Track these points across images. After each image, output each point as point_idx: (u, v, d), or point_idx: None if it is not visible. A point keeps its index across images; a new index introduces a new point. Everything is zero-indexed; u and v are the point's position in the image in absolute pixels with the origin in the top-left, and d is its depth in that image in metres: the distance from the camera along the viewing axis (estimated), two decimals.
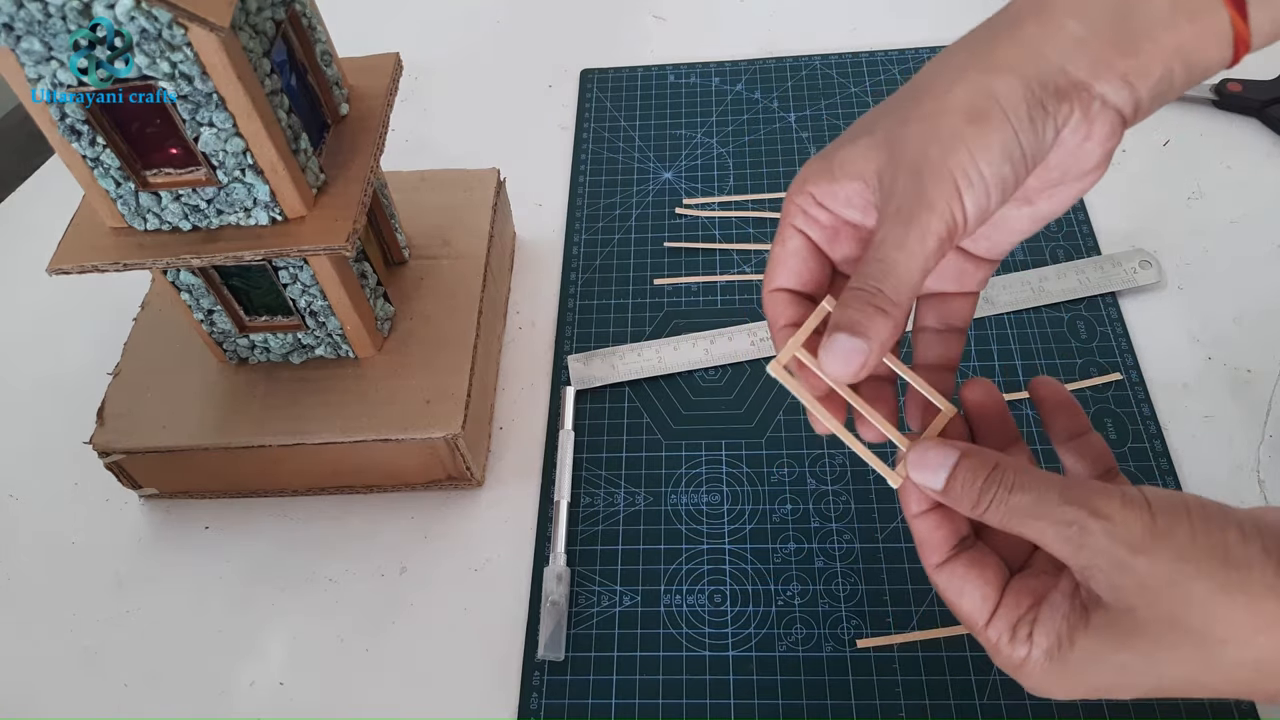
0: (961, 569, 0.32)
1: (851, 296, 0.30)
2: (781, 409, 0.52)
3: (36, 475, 0.54)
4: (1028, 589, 0.31)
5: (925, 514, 0.33)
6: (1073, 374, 0.52)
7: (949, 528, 0.32)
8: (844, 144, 0.32)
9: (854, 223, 0.33)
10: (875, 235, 0.31)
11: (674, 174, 0.64)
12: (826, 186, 0.32)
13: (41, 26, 0.35)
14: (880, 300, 0.30)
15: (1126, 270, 0.55)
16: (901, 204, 0.30)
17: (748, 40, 0.72)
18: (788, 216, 0.34)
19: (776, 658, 0.45)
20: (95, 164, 0.40)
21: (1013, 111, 0.29)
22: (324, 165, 0.44)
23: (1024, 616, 0.31)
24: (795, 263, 0.34)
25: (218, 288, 0.47)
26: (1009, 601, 0.31)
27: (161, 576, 0.50)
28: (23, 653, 0.48)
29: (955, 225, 0.29)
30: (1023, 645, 0.30)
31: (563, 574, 0.47)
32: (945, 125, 0.29)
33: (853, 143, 0.32)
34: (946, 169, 0.29)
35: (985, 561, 0.32)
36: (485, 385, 0.52)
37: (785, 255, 0.34)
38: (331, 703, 0.45)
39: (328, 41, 0.45)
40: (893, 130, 0.31)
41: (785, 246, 0.34)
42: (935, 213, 0.29)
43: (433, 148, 0.67)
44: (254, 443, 0.48)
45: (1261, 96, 0.62)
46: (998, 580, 0.32)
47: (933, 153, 0.29)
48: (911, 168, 0.30)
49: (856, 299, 0.30)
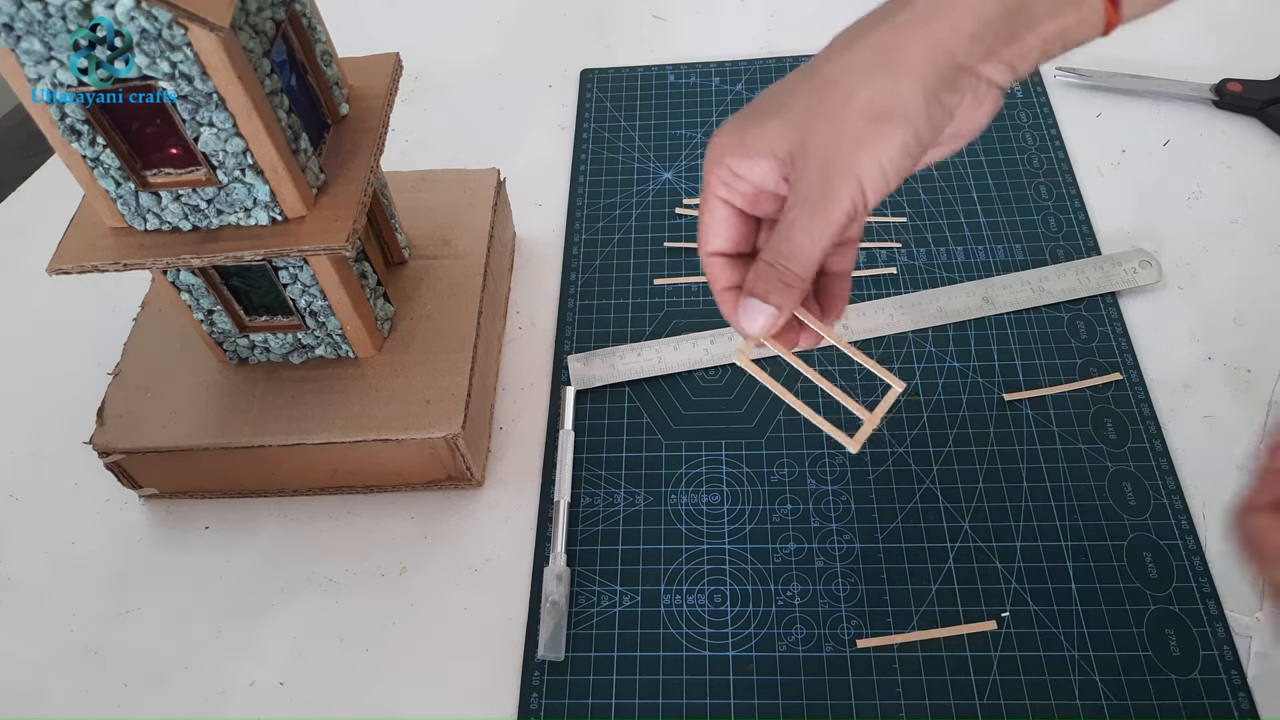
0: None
1: (764, 269, 0.36)
2: (781, 409, 0.52)
3: (36, 475, 0.54)
4: None
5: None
6: (1073, 374, 0.52)
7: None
8: (754, 121, 0.36)
9: (769, 190, 0.37)
10: (785, 214, 0.35)
11: (674, 174, 0.64)
12: (743, 161, 0.36)
13: (41, 26, 0.35)
14: (788, 277, 0.35)
15: (1127, 270, 0.55)
16: (810, 193, 0.34)
17: (748, 40, 0.72)
18: (710, 188, 0.37)
19: (776, 658, 0.45)
20: (95, 164, 0.40)
21: (914, 112, 0.33)
22: (324, 165, 0.44)
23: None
24: (724, 228, 0.38)
25: (218, 288, 0.47)
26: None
27: (161, 576, 0.50)
28: (23, 653, 0.48)
29: (856, 211, 0.34)
30: None
31: (563, 574, 0.47)
32: (852, 125, 0.33)
33: (763, 123, 0.35)
34: (852, 169, 0.33)
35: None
36: (485, 385, 0.52)
37: (714, 222, 0.38)
38: (331, 703, 0.45)
39: (328, 41, 0.45)
40: (802, 119, 0.34)
41: (714, 214, 0.38)
42: (839, 204, 0.33)
43: (433, 148, 0.67)
44: (254, 443, 0.48)
45: (1261, 96, 0.62)
46: None
47: (841, 149, 0.33)
48: (820, 160, 0.33)
49: (768, 273, 0.36)
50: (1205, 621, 0.44)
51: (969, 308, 0.55)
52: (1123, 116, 0.63)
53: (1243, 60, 0.64)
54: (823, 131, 0.33)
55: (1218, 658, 0.43)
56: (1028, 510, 0.48)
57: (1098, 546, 0.46)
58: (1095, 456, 0.49)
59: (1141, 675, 0.43)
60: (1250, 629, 0.44)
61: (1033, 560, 0.46)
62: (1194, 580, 0.45)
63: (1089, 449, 0.49)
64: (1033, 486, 0.48)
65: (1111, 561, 0.46)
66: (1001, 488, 0.48)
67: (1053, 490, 0.48)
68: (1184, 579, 0.45)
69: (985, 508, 0.48)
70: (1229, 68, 0.63)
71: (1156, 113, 0.63)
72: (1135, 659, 0.43)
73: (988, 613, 0.45)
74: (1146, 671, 0.43)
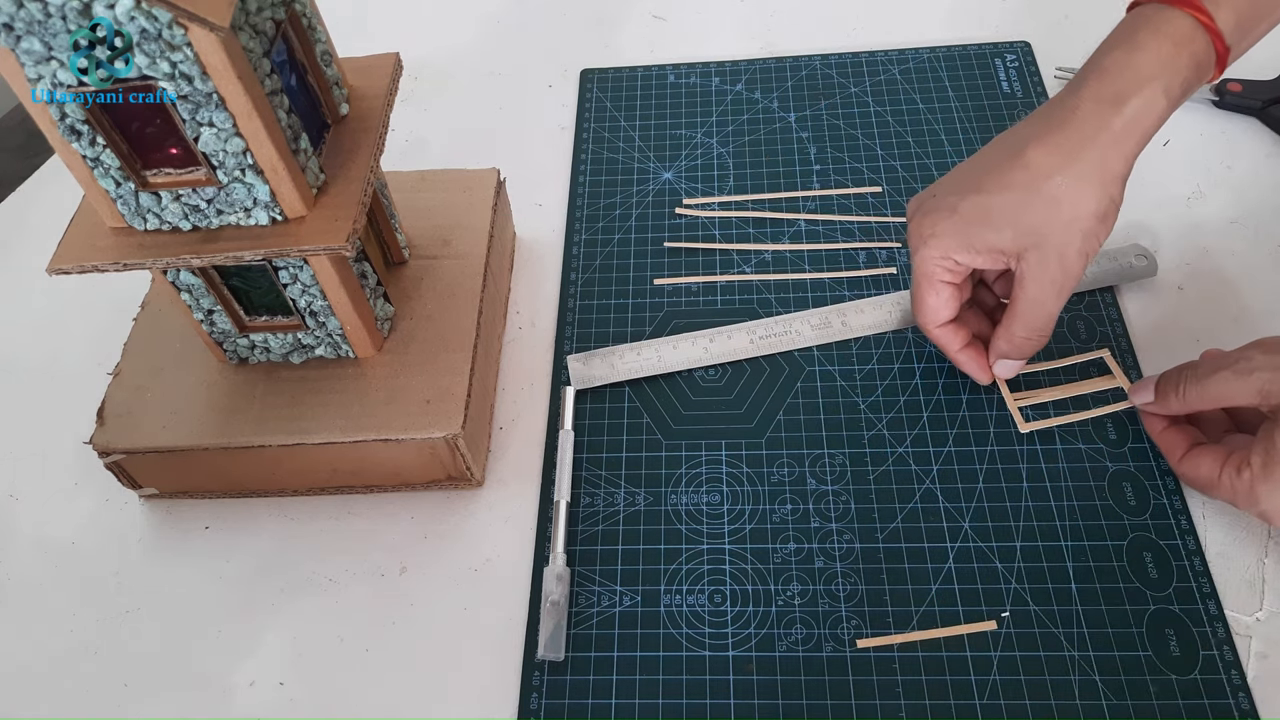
0: (1193, 455, 0.45)
1: (1020, 340, 0.48)
2: (782, 409, 0.52)
3: (36, 475, 0.54)
4: (1237, 444, 0.44)
5: (1165, 429, 0.47)
6: (1073, 374, 0.52)
7: (1182, 435, 0.46)
8: (983, 229, 0.45)
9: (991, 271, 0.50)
10: (1034, 299, 0.46)
11: (674, 174, 0.64)
12: (969, 255, 0.46)
13: (41, 26, 0.35)
14: (1040, 341, 0.48)
15: (1123, 264, 0.55)
16: (1054, 280, 0.45)
17: (748, 40, 0.72)
18: (931, 275, 0.47)
19: (776, 658, 0.45)
20: (95, 164, 0.40)
21: (1119, 204, 0.45)
22: (324, 165, 0.44)
23: (1240, 457, 0.43)
24: (949, 304, 0.48)
25: (218, 288, 0.47)
26: (1230, 459, 0.43)
27: (161, 576, 0.50)
28: (23, 653, 0.48)
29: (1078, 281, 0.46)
30: (1245, 472, 0.42)
31: (563, 574, 0.47)
32: (1084, 226, 0.44)
33: (996, 232, 0.45)
34: (1084, 254, 0.45)
35: (1209, 447, 0.45)
36: (485, 385, 0.52)
37: (940, 303, 0.48)
38: (331, 703, 0.45)
39: (328, 41, 0.45)
40: (1035, 227, 0.44)
41: (940, 296, 0.48)
42: (1072, 280, 0.45)
43: (433, 148, 0.67)
44: (254, 443, 0.48)
45: (1261, 96, 0.62)
46: (1221, 451, 0.44)
47: (1075, 245, 0.44)
48: (1059, 256, 0.44)
49: (1024, 343, 0.48)
50: (1205, 621, 0.44)
51: None
52: None
53: (1243, 60, 0.64)
54: (1059, 235, 0.44)
55: (1218, 658, 0.43)
56: (1028, 510, 0.48)
57: (1098, 546, 0.46)
58: (1095, 456, 0.49)
59: (1141, 675, 0.43)
60: (1250, 629, 0.44)
61: (1033, 560, 0.46)
62: (1194, 580, 0.45)
63: (1089, 449, 0.49)
64: (1033, 486, 0.48)
65: (1111, 561, 0.46)
66: (1001, 488, 0.48)
67: (1053, 490, 0.48)
68: (1184, 579, 0.45)
69: (985, 508, 0.48)
70: (1229, 68, 0.63)
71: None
72: (1135, 659, 0.43)
73: (988, 613, 0.45)
74: (1146, 671, 0.43)
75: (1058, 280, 0.45)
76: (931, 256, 0.47)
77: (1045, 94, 0.65)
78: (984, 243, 0.45)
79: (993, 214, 0.45)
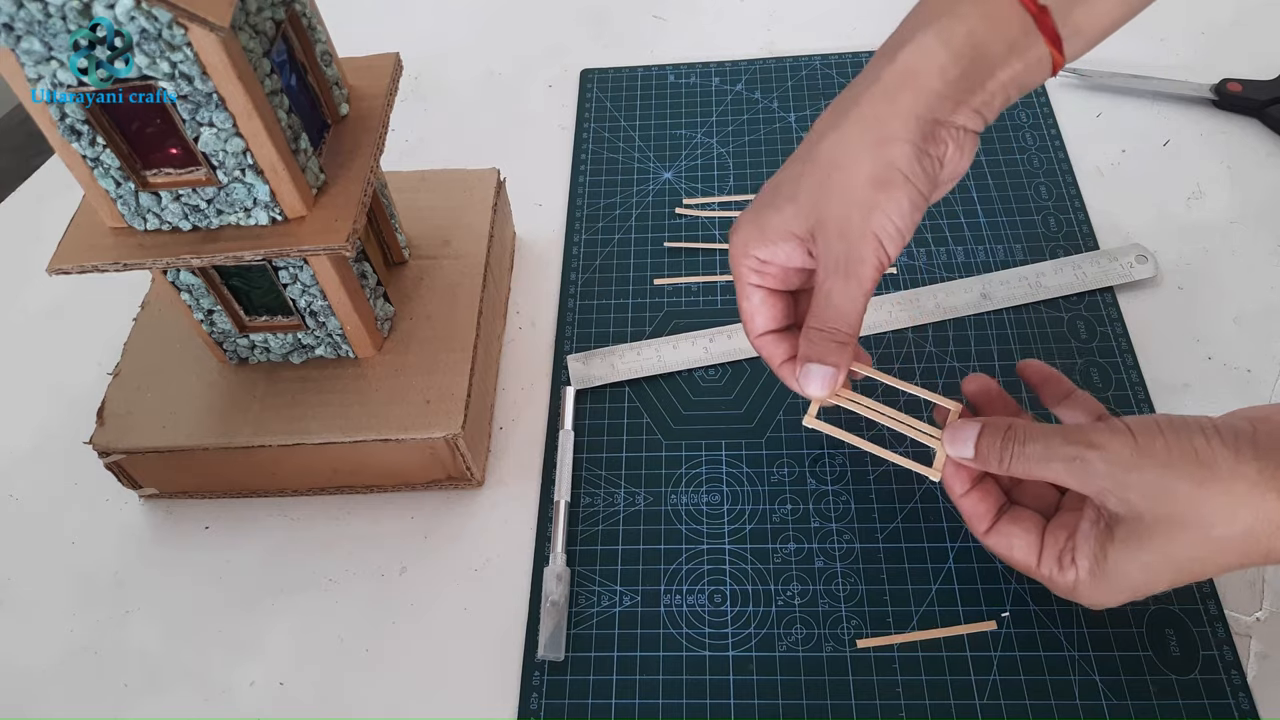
0: (1005, 527, 0.40)
1: (814, 335, 0.40)
2: (781, 409, 0.52)
3: (36, 475, 0.54)
4: (1062, 525, 0.39)
5: (968, 493, 0.41)
6: (1073, 375, 0.52)
7: (989, 500, 0.41)
8: (770, 211, 0.40)
9: (795, 266, 0.41)
10: (820, 284, 0.39)
11: (674, 174, 0.64)
12: (767, 247, 0.40)
13: (41, 26, 0.35)
14: (839, 336, 0.40)
15: (1123, 265, 0.55)
16: (838, 261, 0.38)
17: (748, 40, 0.72)
18: (743, 278, 0.42)
19: (776, 658, 0.45)
20: (95, 164, 0.40)
21: (910, 172, 0.37)
22: (324, 165, 0.44)
23: (1065, 548, 0.38)
24: (765, 310, 0.42)
25: (218, 288, 0.47)
26: (1049, 541, 0.39)
27: (161, 576, 0.50)
28: (23, 653, 0.48)
29: (881, 266, 0.39)
30: (1070, 570, 0.38)
31: (563, 574, 0.47)
32: (861, 196, 0.38)
33: (780, 209, 0.40)
34: (869, 232, 0.38)
35: (1022, 516, 0.40)
36: (485, 385, 0.52)
37: (754, 307, 0.42)
38: (331, 703, 0.45)
39: (328, 41, 0.45)
40: (816, 200, 0.39)
41: (751, 300, 0.42)
42: (866, 264, 0.38)
43: (433, 148, 0.67)
44: (254, 443, 0.48)
45: (1261, 96, 0.62)
46: (1037, 528, 0.39)
47: (855, 219, 0.38)
48: (839, 232, 0.38)
49: (819, 338, 0.40)
50: (1205, 621, 0.44)
51: (967, 303, 0.55)
52: (1123, 116, 0.63)
53: (1243, 60, 0.64)
54: (837, 207, 0.38)
55: (1218, 658, 0.43)
56: None
57: None
58: None
59: (1141, 675, 0.43)
60: (1250, 629, 0.44)
61: None
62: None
63: None
64: None
65: None
66: None
67: None
68: None
69: None
70: (1229, 68, 0.63)
71: (1156, 113, 0.63)
72: (1135, 659, 0.43)
73: (988, 613, 0.45)
74: (1146, 671, 0.43)
75: (841, 263, 0.38)
76: (734, 256, 0.42)
77: (1045, 94, 0.65)
78: (772, 227, 0.40)
79: (779, 193, 0.40)
